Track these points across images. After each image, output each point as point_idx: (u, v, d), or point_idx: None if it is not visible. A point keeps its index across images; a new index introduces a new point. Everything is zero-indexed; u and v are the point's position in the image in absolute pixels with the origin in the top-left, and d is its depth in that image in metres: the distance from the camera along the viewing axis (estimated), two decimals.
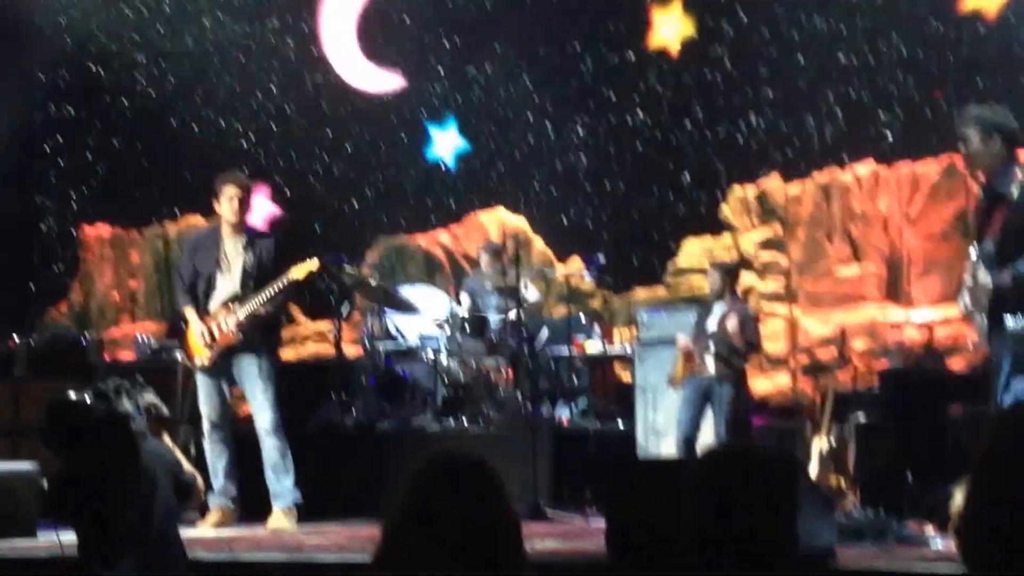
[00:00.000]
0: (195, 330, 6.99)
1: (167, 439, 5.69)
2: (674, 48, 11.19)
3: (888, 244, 10.66)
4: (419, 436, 8.13)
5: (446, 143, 11.93)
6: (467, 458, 2.32)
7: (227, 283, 6.99)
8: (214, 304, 7.00)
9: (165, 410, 6.18)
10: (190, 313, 7.05)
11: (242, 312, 6.86)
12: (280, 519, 6.89)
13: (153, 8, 12.40)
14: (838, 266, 10.69)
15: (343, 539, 6.41)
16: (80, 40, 12.32)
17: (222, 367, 7.00)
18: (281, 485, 6.92)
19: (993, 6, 10.19)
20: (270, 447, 6.92)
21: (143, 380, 6.24)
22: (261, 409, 6.91)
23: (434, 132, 11.94)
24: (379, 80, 11.99)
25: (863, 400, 8.27)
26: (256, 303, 6.84)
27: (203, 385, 7.06)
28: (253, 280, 6.91)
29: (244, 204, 6.94)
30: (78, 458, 4.00)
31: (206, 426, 7.06)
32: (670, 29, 11.23)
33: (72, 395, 6.18)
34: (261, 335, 6.94)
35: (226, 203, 6.97)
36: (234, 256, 6.99)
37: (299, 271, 6.80)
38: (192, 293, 7.06)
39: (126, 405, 5.94)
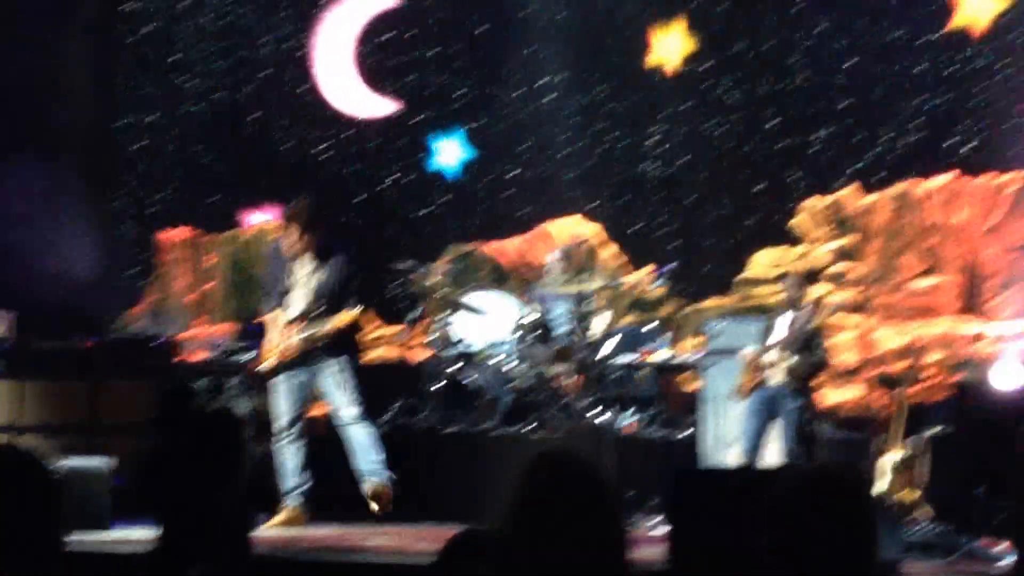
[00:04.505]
0: (269, 336, 7.08)
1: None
2: (671, 66, 11.13)
3: (966, 256, 10.44)
4: (485, 441, 8.13)
5: (450, 153, 11.94)
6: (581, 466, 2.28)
7: (298, 298, 7.04)
8: (285, 317, 7.07)
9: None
10: (269, 318, 7.14)
11: (303, 334, 6.93)
12: (379, 492, 6.88)
13: (234, 17, 12.61)
14: (914, 278, 10.50)
15: (407, 541, 6.43)
16: (160, 47, 12.56)
17: (301, 369, 7.04)
18: (376, 462, 6.92)
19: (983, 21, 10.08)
20: (360, 434, 6.92)
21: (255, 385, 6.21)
22: (346, 404, 6.92)
23: (438, 143, 11.96)
24: (374, 105, 11.99)
25: (937, 413, 8.10)
26: (311, 333, 6.89)
27: (283, 383, 7.06)
28: (326, 298, 6.93)
29: (297, 233, 6.94)
30: (186, 447, 3.94)
31: (282, 425, 7.03)
32: (671, 47, 11.25)
33: (192, 386, 6.17)
34: (332, 343, 6.96)
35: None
36: (305, 273, 7.04)
37: (342, 320, 6.84)
38: (273, 299, 7.14)
39: (239, 406, 5.92)
